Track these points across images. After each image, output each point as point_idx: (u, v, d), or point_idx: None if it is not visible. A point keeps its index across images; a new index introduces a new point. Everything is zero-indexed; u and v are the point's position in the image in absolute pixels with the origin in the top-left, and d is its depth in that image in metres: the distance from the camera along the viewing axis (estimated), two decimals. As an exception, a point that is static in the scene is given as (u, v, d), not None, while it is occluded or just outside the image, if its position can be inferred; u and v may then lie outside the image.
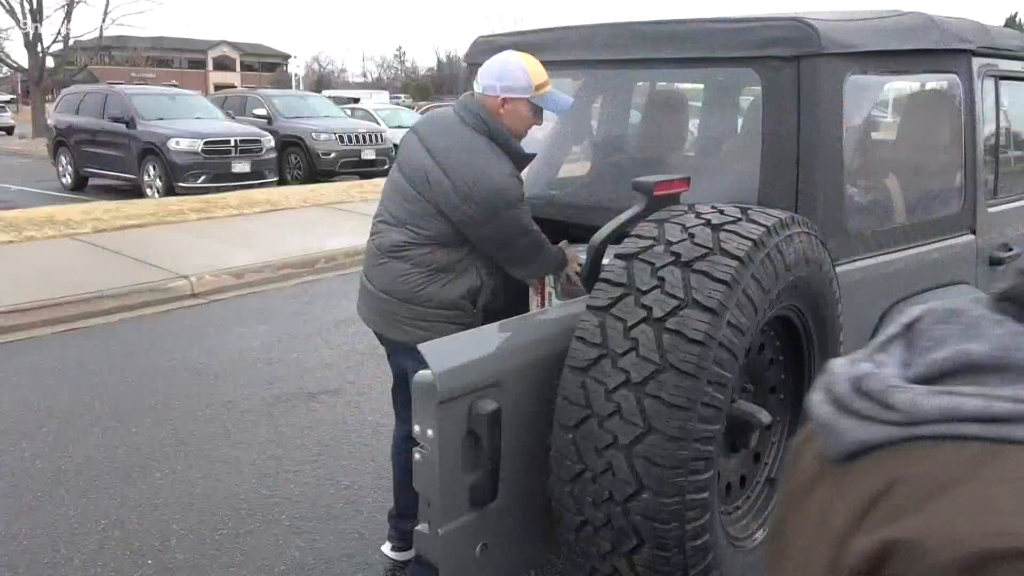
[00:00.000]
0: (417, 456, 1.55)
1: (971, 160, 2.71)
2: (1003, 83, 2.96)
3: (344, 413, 4.52)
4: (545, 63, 2.78)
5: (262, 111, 15.53)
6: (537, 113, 2.43)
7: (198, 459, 3.96)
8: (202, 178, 12.52)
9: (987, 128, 2.85)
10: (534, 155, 2.49)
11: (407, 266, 2.48)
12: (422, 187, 2.40)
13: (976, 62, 2.73)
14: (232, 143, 12.90)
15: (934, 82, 2.87)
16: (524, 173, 2.52)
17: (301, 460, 3.95)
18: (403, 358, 2.54)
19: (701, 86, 3.23)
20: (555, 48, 2.72)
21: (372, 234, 2.63)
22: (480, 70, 2.44)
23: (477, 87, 2.43)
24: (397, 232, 2.49)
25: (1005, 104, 3.01)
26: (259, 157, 13.28)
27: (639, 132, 3.17)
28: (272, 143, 13.67)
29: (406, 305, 2.49)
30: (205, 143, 12.55)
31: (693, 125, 3.18)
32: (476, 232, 2.37)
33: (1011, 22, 46.44)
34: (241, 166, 12.98)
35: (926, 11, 2.66)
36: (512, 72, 2.37)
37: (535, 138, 2.70)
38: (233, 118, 14.82)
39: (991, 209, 2.85)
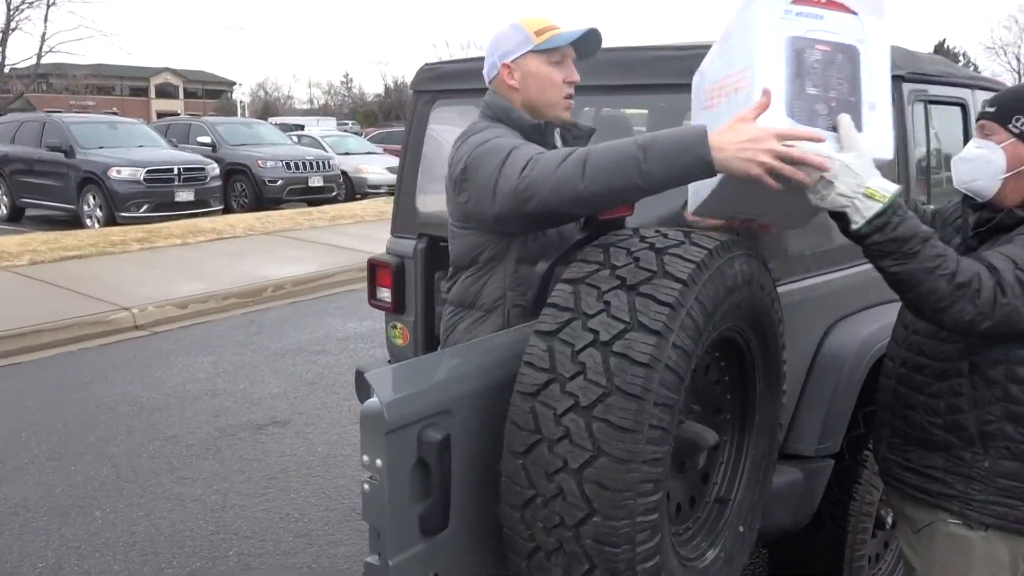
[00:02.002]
0: (366, 487, 1.53)
1: (904, 181, 2.80)
2: (932, 107, 3.07)
3: (293, 444, 4.45)
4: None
5: (206, 139, 15.36)
6: (559, 64, 1.98)
7: (140, 496, 3.85)
8: (144, 207, 12.31)
9: (918, 151, 2.95)
10: (547, 123, 2.00)
11: (445, 312, 2.16)
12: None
13: (906, 87, 2.82)
14: (175, 171, 12.73)
15: (867, 107, 2.96)
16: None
17: (248, 494, 3.87)
18: None
19: (645, 111, 3.29)
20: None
21: None
22: None
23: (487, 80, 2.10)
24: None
25: (935, 128, 3.12)
26: (204, 185, 13.11)
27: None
28: (217, 171, 13.52)
29: None
30: (147, 172, 12.36)
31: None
32: (477, 206, 1.87)
33: (940, 48, 48.29)
34: (185, 195, 12.79)
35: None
36: (503, 36, 2.03)
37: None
38: (176, 146, 14.63)
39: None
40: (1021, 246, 1.69)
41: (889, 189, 1.56)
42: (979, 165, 1.81)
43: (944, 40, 52.93)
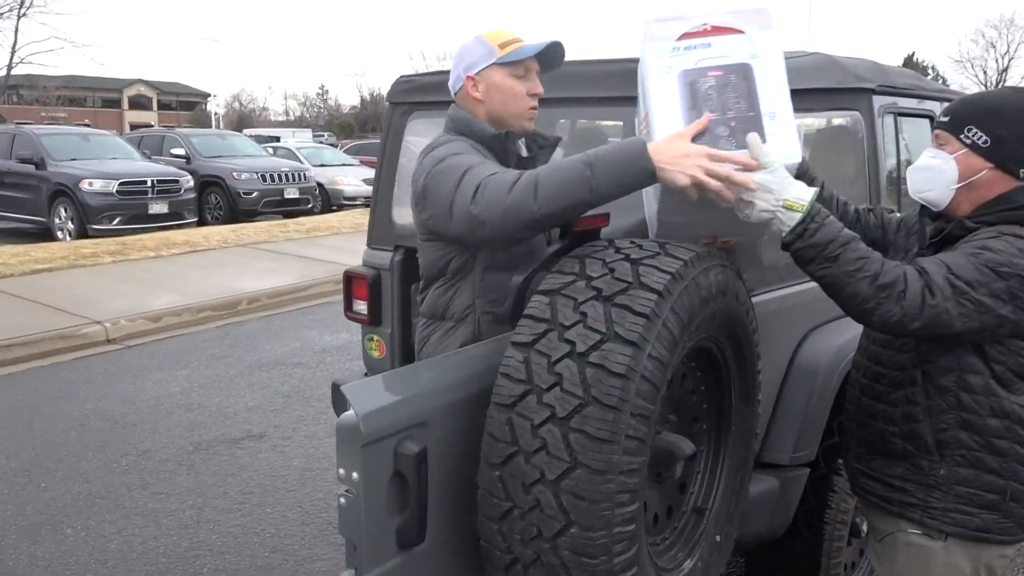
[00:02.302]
0: (342, 500, 1.52)
1: (875, 192, 2.84)
2: (902, 119, 3.12)
3: (269, 458, 4.41)
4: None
5: (180, 150, 15.25)
6: (523, 77, 2.01)
7: (113, 513, 3.79)
8: (117, 220, 12.19)
9: (889, 162, 2.99)
10: (507, 132, 2.01)
11: (419, 324, 2.18)
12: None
13: (876, 100, 2.87)
14: (149, 183, 12.62)
15: (838, 119, 3.00)
16: None
17: (224, 509, 3.83)
18: None
19: (620, 123, 3.31)
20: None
21: None
22: None
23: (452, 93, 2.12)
24: None
25: (904, 139, 3.17)
26: (177, 197, 13.01)
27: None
28: (191, 183, 13.41)
29: None
30: (120, 184, 12.24)
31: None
32: (437, 223, 1.90)
33: (909, 61, 49.09)
34: (158, 207, 12.68)
35: (829, 52, 2.80)
36: (467, 48, 2.04)
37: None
38: (150, 158, 14.50)
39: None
40: (961, 254, 1.69)
41: (805, 197, 1.62)
42: (932, 175, 1.82)
43: (913, 53, 53.84)
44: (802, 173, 1.93)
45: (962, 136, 1.77)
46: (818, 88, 2.61)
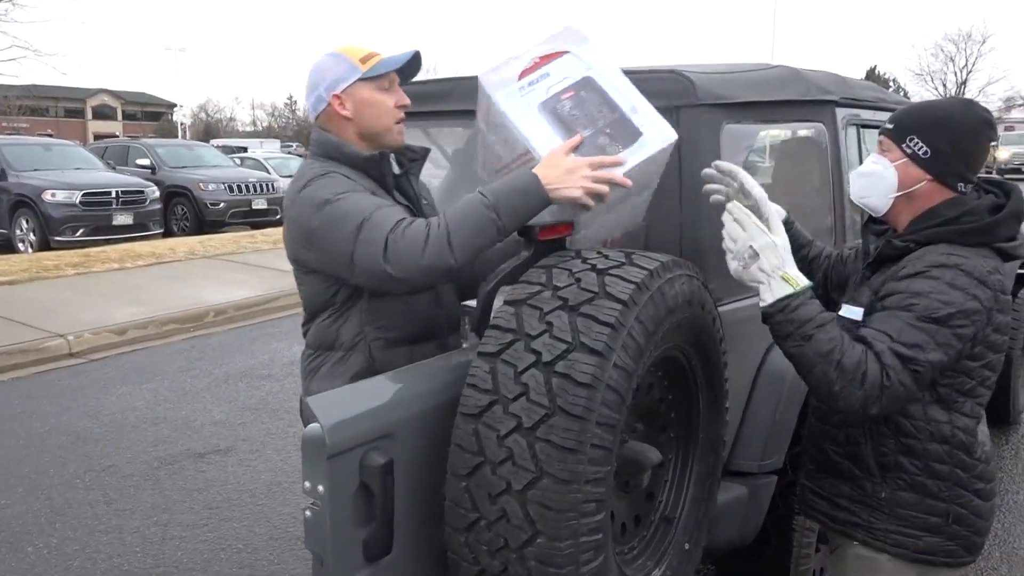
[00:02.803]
0: (308, 513, 1.51)
1: (839, 203, 2.88)
2: (864, 131, 3.17)
3: (236, 472, 4.35)
4: (438, 113, 2.81)
5: (145, 161, 15.08)
6: (387, 89, 1.99)
7: (75, 530, 3.72)
8: (80, 231, 12.00)
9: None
10: (381, 153, 2.00)
11: (304, 354, 2.13)
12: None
13: (840, 112, 2.91)
14: (113, 194, 12.45)
15: (803, 130, 3.04)
16: None
17: (190, 524, 3.77)
18: None
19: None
20: (448, 98, 2.75)
21: None
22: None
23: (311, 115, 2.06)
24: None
25: (867, 151, 3.22)
26: (142, 208, 12.85)
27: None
28: (156, 194, 13.27)
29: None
30: (83, 195, 12.07)
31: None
32: (331, 268, 1.88)
33: (871, 74, 50.01)
34: (123, 218, 12.52)
35: (793, 65, 2.84)
36: (325, 67, 1.97)
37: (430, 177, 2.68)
38: (114, 169, 14.32)
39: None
40: (895, 315, 1.66)
41: (803, 281, 1.70)
42: (873, 181, 1.81)
43: (875, 66, 54.92)
44: (788, 224, 2.02)
45: (904, 145, 1.76)
46: (783, 100, 2.64)
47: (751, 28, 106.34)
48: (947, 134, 1.74)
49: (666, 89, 2.27)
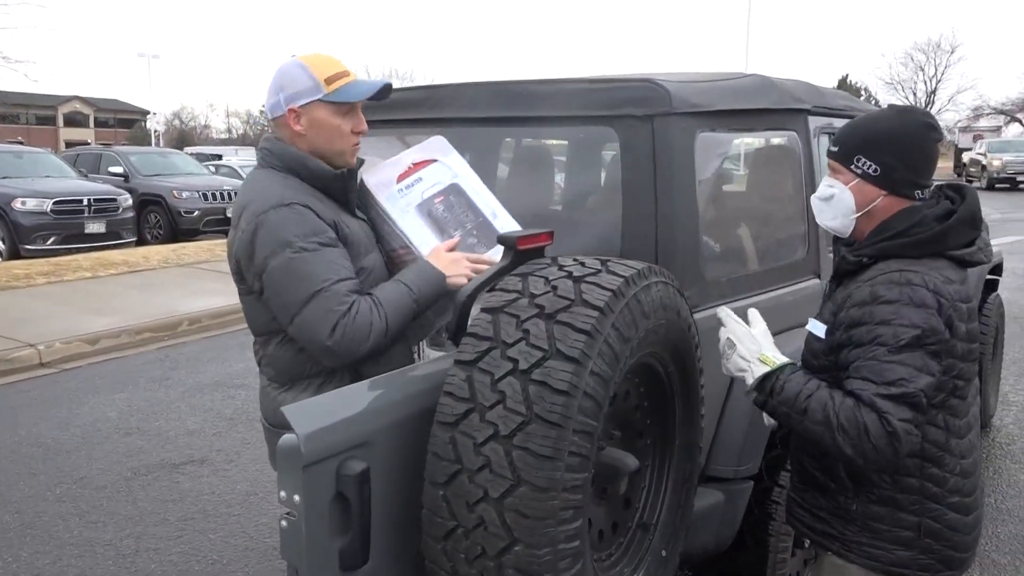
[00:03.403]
0: (283, 523, 1.49)
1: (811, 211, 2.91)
2: (836, 139, 3.21)
3: (211, 483, 4.31)
4: (412, 121, 2.81)
5: (118, 169, 14.91)
6: (347, 114, 1.95)
7: (46, 543, 3.66)
8: (52, 240, 11.85)
9: (824, 180, 3.07)
10: (349, 171, 2.01)
11: (263, 379, 2.10)
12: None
13: (812, 121, 2.95)
14: (85, 202, 12.30)
15: (776, 139, 3.08)
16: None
17: (164, 536, 3.72)
18: None
19: (565, 142, 3.34)
20: (421, 106, 2.75)
21: None
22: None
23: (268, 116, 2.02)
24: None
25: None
26: (115, 217, 12.70)
27: (507, 187, 3.24)
28: (129, 202, 13.13)
29: (278, 432, 1.83)
30: (55, 203, 11.92)
31: (559, 180, 3.28)
32: (263, 293, 1.90)
33: (843, 83, 50.66)
34: (95, 226, 12.37)
35: (766, 74, 2.87)
36: (289, 76, 1.92)
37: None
38: (87, 176, 14.15)
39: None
40: (869, 358, 1.64)
41: (780, 359, 1.76)
42: (832, 205, 1.82)
43: (847, 75, 55.65)
44: None
45: (852, 167, 1.77)
46: (756, 109, 2.67)
47: (725, 37, 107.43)
48: (891, 147, 1.74)
49: (641, 97, 2.28)
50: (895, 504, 1.76)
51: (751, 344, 1.77)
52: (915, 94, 52.43)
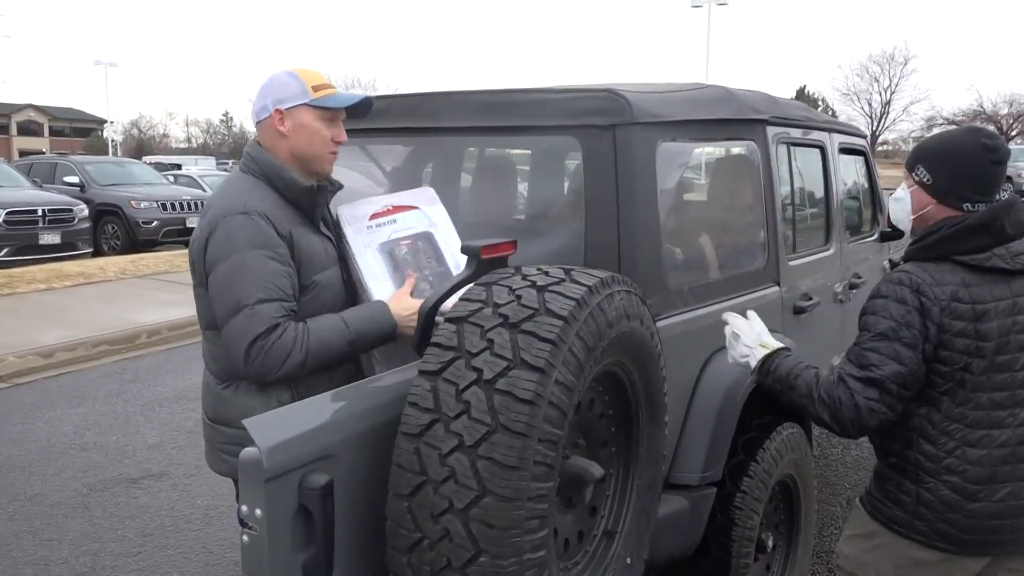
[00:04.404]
0: (245, 538, 1.47)
1: (772, 219, 2.95)
2: (795, 149, 3.27)
3: (170, 498, 4.23)
4: (375, 130, 2.80)
5: (74, 178, 14.62)
6: (330, 121, 2.05)
7: (-2, 562, 3.56)
8: (4, 251, 11.57)
9: (783, 190, 3.12)
10: (319, 186, 2.05)
11: (207, 373, 2.13)
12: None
13: (770, 131, 2.99)
14: (39, 213, 12.04)
15: (736, 148, 3.12)
16: None
17: (121, 553, 3.65)
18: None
19: (528, 152, 3.35)
20: (384, 116, 2.74)
21: None
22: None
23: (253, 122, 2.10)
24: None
25: (797, 168, 3.31)
26: (71, 227, 12.44)
27: (470, 197, 3.24)
28: (85, 212, 12.86)
29: (219, 429, 2.08)
30: (7, 213, 11.65)
31: (523, 189, 3.29)
32: (209, 290, 1.96)
33: (801, 94, 51.56)
34: (50, 237, 12.11)
35: (726, 84, 2.91)
36: (279, 81, 2.03)
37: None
38: (41, 186, 13.84)
39: (791, 263, 3.11)
40: (861, 324, 1.95)
41: (776, 344, 2.09)
42: (898, 206, 2.07)
43: (805, 86, 56.59)
44: None
45: (913, 174, 2.00)
46: (716, 119, 2.70)
47: (686, 49, 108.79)
48: (946, 161, 1.96)
49: (603, 108, 2.30)
50: (901, 471, 1.98)
51: (752, 335, 2.10)
52: (871, 105, 53.56)
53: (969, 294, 1.85)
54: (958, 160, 1.93)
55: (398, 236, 2.18)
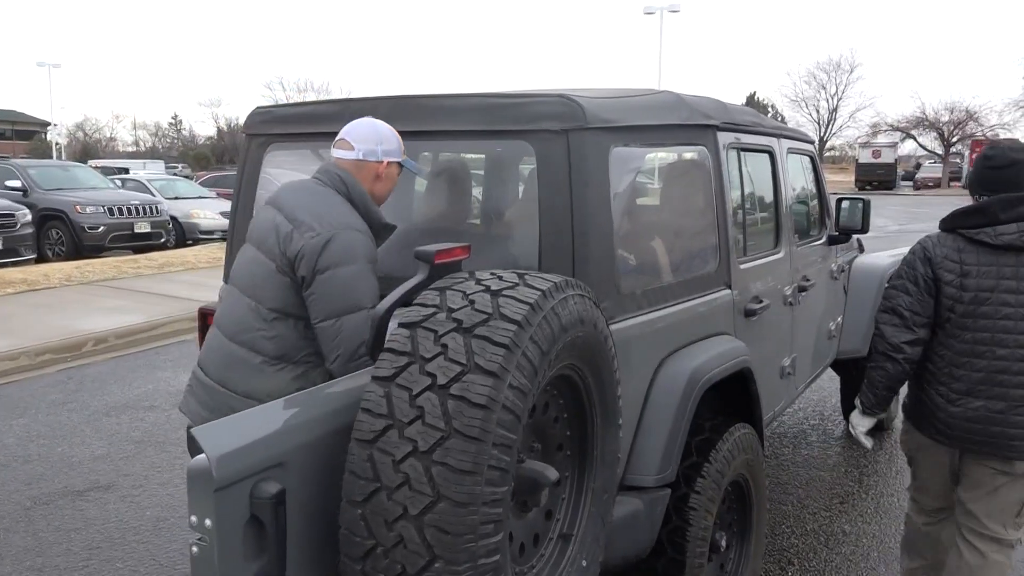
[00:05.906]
0: (195, 549, 1.44)
1: (723, 223, 3.00)
2: (744, 154, 3.32)
3: (118, 510, 4.13)
4: (329, 134, 2.77)
5: (16, 183, 14.23)
6: (396, 176, 2.42)
7: (-64, 580, 3.44)
8: (-57, 258, 11.21)
9: (734, 194, 3.17)
10: (394, 226, 2.38)
11: (244, 351, 2.24)
12: (266, 241, 2.22)
13: (721, 136, 3.04)
14: (-21, 219, 11.68)
15: (687, 153, 3.15)
16: None
17: (67, 567, 3.55)
18: None
19: (483, 156, 3.35)
20: (338, 120, 2.71)
21: (215, 316, 2.40)
22: (350, 137, 2.35)
23: (352, 154, 2.32)
24: (240, 305, 2.25)
25: (747, 173, 3.37)
26: (12, 233, 12.12)
27: (424, 202, 3.22)
28: (28, 218, 12.54)
29: (243, 401, 2.16)
30: (-54, 219, 11.28)
31: (477, 194, 3.29)
32: (309, 286, 2.13)
33: (751, 100, 52.45)
34: (-9, 243, 11.76)
35: (677, 90, 2.94)
36: (390, 134, 2.37)
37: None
38: (-19, 191, 13.43)
39: (742, 266, 3.16)
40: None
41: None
42: None
43: (755, 92, 57.72)
44: None
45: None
46: (667, 124, 2.73)
47: (639, 55, 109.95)
48: (974, 165, 2.69)
49: (556, 112, 2.31)
50: (917, 381, 2.77)
51: (856, 417, 2.90)
52: (818, 111, 54.72)
53: (959, 256, 2.55)
54: (975, 165, 2.67)
55: None
